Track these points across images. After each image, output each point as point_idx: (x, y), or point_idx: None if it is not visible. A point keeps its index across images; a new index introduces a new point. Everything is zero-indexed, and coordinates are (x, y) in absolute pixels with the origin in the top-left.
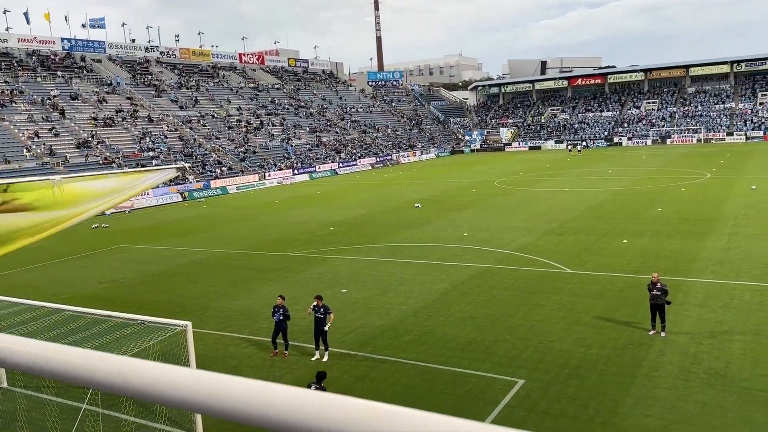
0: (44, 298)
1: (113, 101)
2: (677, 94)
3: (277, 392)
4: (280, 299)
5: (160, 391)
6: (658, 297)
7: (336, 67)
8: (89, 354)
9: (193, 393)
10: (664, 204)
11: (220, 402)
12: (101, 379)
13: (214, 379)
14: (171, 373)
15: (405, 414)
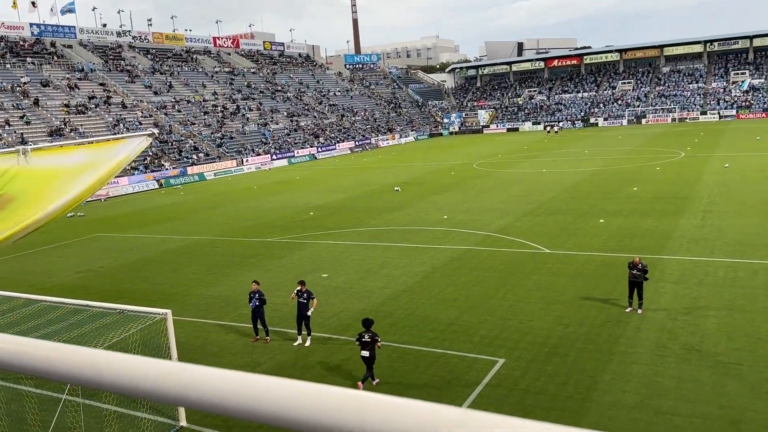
0: (20, 288)
1: (86, 87)
2: (652, 74)
3: (256, 383)
4: (255, 284)
5: (135, 384)
6: (638, 276)
7: (313, 50)
8: (56, 347)
9: (169, 386)
10: (640, 183)
11: (195, 395)
12: (73, 374)
13: (189, 371)
14: (147, 366)
15: (385, 402)
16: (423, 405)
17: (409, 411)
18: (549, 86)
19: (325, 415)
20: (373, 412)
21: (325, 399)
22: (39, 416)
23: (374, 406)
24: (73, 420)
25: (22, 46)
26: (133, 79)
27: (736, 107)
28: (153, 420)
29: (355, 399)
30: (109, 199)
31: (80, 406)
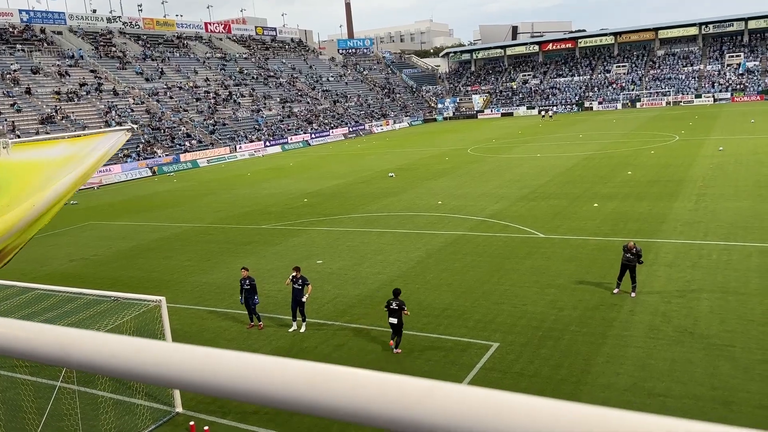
0: (13, 277)
1: (76, 74)
2: (647, 58)
3: (254, 362)
4: (245, 271)
5: (128, 366)
6: (631, 260)
7: (305, 35)
8: (38, 328)
9: (162, 367)
10: (634, 167)
11: (190, 376)
12: (55, 353)
13: (181, 351)
14: (139, 347)
15: (382, 379)
16: (394, 378)
17: (395, 386)
18: (543, 70)
19: (319, 393)
20: (363, 388)
21: (320, 378)
22: (34, 403)
23: (365, 382)
24: (69, 407)
25: (11, 32)
26: (124, 66)
27: (731, 90)
28: (149, 406)
29: (357, 377)
30: (102, 187)
31: (75, 393)
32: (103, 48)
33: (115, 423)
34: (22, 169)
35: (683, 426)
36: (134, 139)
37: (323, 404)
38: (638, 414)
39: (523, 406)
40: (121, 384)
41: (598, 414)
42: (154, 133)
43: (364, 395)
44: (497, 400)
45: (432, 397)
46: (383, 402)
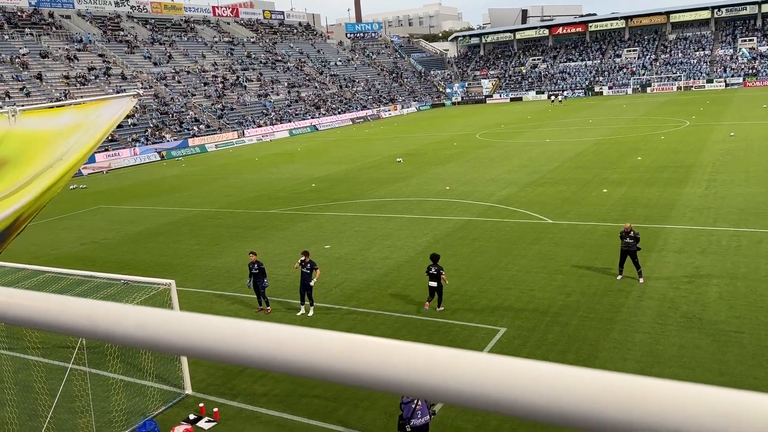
0: (25, 260)
1: (85, 59)
2: (658, 42)
3: (255, 328)
4: (253, 256)
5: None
6: (631, 245)
7: (313, 19)
8: (56, 299)
9: (170, 334)
10: (644, 153)
11: (199, 342)
12: (70, 324)
13: (191, 318)
14: (148, 315)
15: (374, 343)
16: (415, 346)
17: (400, 353)
18: (553, 54)
19: (329, 359)
20: (365, 354)
21: (328, 343)
22: (46, 385)
23: (366, 348)
24: (80, 388)
25: (20, 16)
26: (132, 50)
27: (743, 75)
28: (159, 388)
29: (347, 342)
30: (111, 171)
31: (87, 375)
32: (111, 32)
33: (125, 404)
34: (30, 139)
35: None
36: (143, 123)
37: (353, 373)
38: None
39: (548, 373)
40: (132, 366)
41: (618, 380)
42: (162, 118)
43: (392, 363)
44: (520, 367)
45: (456, 365)
46: (410, 370)
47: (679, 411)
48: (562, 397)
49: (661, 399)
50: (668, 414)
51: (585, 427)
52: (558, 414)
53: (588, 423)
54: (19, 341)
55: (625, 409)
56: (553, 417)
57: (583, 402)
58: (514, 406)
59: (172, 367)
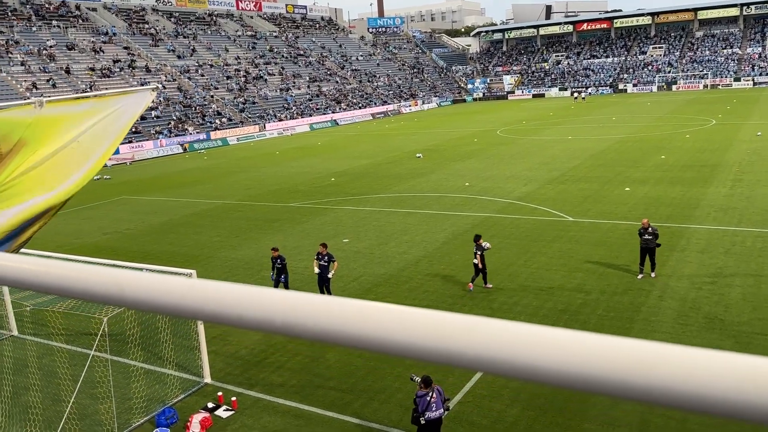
0: (49, 248)
1: (110, 51)
2: (684, 39)
3: (273, 296)
4: (274, 251)
5: (157, 299)
6: (650, 241)
7: (335, 14)
8: (83, 267)
9: (192, 299)
10: (668, 151)
11: (218, 307)
12: (97, 291)
13: (211, 286)
14: (168, 282)
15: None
16: (432, 313)
17: (416, 319)
18: (577, 51)
19: (332, 322)
20: (377, 319)
21: (335, 308)
22: (69, 370)
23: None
24: (102, 375)
25: (47, 8)
26: (156, 43)
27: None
28: (178, 376)
29: (360, 308)
30: (135, 163)
31: (108, 362)
32: (136, 25)
33: (145, 391)
34: (50, 123)
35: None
36: (166, 116)
37: (383, 340)
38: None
39: (570, 340)
40: (152, 354)
41: (643, 347)
42: (185, 111)
43: (414, 330)
44: (541, 334)
45: (476, 330)
46: (432, 336)
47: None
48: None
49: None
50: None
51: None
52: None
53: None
54: (44, 327)
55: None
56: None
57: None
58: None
59: (192, 356)
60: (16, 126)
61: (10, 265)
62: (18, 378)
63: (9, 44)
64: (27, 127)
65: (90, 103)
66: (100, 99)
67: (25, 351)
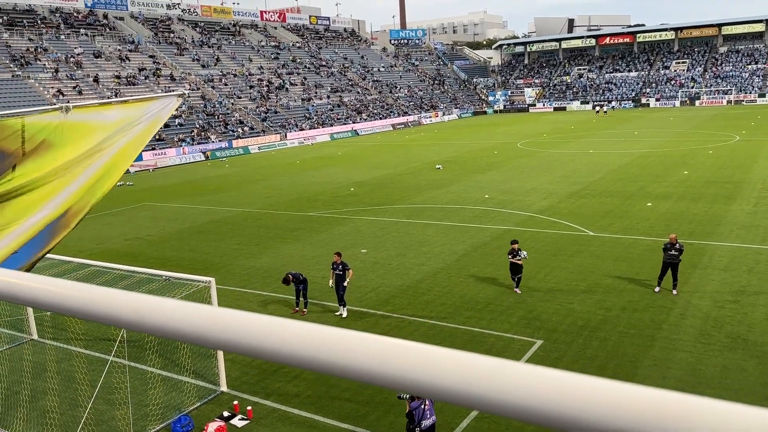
0: (71, 253)
1: (136, 59)
2: (708, 54)
3: (293, 328)
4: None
5: (177, 327)
6: (675, 257)
7: (358, 25)
8: (108, 292)
9: (212, 329)
10: (691, 167)
11: (236, 338)
12: (118, 316)
13: (232, 315)
14: (188, 310)
15: (412, 348)
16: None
17: (447, 360)
18: (599, 64)
19: (364, 361)
20: (400, 357)
21: (364, 345)
22: (87, 376)
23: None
24: (119, 380)
25: (75, 17)
26: (181, 52)
27: None
28: (195, 384)
29: (394, 347)
30: (157, 170)
31: (126, 368)
32: (162, 34)
33: (162, 398)
34: (77, 128)
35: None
36: (189, 124)
37: (395, 376)
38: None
39: (588, 387)
40: (170, 361)
41: (663, 397)
42: (208, 119)
43: (435, 369)
44: (564, 380)
45: (502, 373)
46: (454, 376)
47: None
48: (605, 411)
49: (704, 416)
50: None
51: None
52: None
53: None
54: (63, 332)
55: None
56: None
57: (625, 416)
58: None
59: (209, 363)
60: (43, 129)
61: (32, 285)
62: (36, 382)
63: (38, 51)
64: (53, 131)
65: (117, 110)
66: (126, 106)
67: (44, 355)
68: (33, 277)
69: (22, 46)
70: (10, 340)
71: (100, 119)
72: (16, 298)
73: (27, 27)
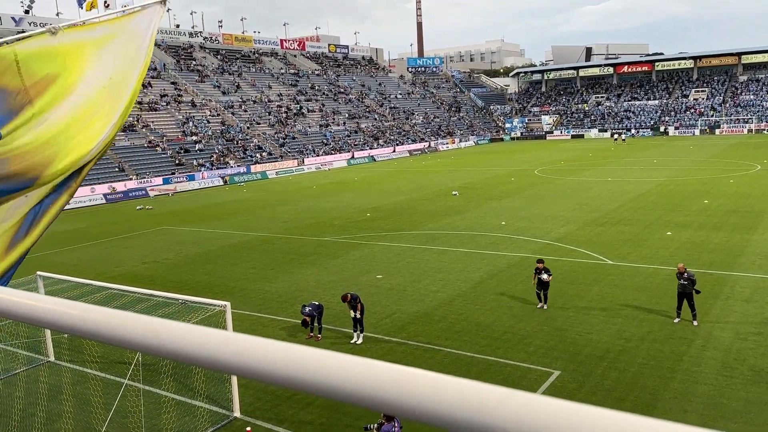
0: (89, 276)
1: (158, 85)
2: (728, 83)
3: (308, 354)
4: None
5: (192, 352)
6: (686, 286)
7: (376, 53)
8: (125, 315)
9: (227, 354)
10: (711, 196)
11: (251, 363)
12: (135, 339)
13: (247, 340)
14: (205, 334)
15: (425, 377)
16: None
17: (454, 389)
18: (618, 93)
19: (376, 389)
20: (414, 387)
21: (377, 374)
22: (102, 399)
23: (412, 380)
24: (134, 404)
25: None
26: (202, 79)
27: None
28: (208, 409)
29: (400, 373)
30: (177, 194)
31: (140, 392)
32: (184, 61)
33: (175, 423)
34: (70, 52)
35: None
36: (208, 149)
37: (404, 404)
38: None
39: (600, 418)
40: (184, 385)
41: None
42: (227, 144)
43: (441, 398)
44: (573, 411)
45: (508, 404)
46: (461, 406)
47: None
48: None
49: None
50: None
51: None
52: None
53: None
54: (80, 354)
55: None
56: None
57: None
58: None
59: (222, 388)
60: (39, 58)
61: (47, 307)
62: (52, 404)
63: None
64: (53, 60)
65: (104, 27)
66: (112, 22)
67: (60, 377)
68: (51, 299)
69: None
70: (27, 361)
71: (93, 37)
72: (35, 320)
73: None
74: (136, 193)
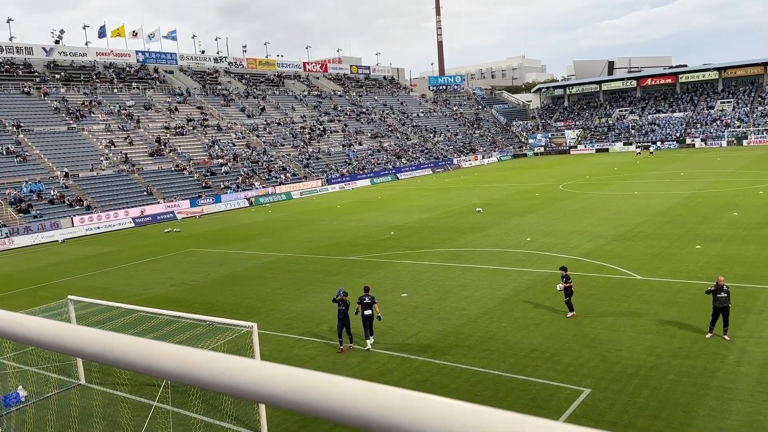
0: (119, 299)
1: (184, 110)
2: (755, 93)
3: (335, 384)
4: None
5: (219, 380)
6: (725, 300)
7: (397, 73)
8: (151, 344)
9: (254, 383)
10: (741, 208)
11: (279, 392)
12: (162, 368)
13: (274, 369)
14: (232, 363)
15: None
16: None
17: (470, 414)
18: (642, 105)
19: (413, 420)
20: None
21: (410, 404)
22: (132, 421)
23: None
24: (163, 426)
25: (128, 72)
26: (228, 103)
27: None
28: (236, 431)
29: (416, 400)
30: (204, 216)
31: (169, 413)
32: (209, 86)
33: None
34: None
35: None
36: (234, 171)
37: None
38: None
39: None
40: (212, 407)
41: None
42: (252, 166)
43: (456, 425)
44: None
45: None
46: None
47: None
48: None
49: None
50: None
51: None
52: None
53: None
54: (110, 377)
55: None
56: None
57: None
58: None
59: (251, 410)
60: None
61: (74, 335)
62: (83, 427)
63: (92, 105)
64: None
65: None
66: None
67: (91, 400)
68: (79, 328)
69: (77, 100)
70: (59, 385)
71: None
72: (63, 348)
73: (83, 82)
74: (164, 216)
